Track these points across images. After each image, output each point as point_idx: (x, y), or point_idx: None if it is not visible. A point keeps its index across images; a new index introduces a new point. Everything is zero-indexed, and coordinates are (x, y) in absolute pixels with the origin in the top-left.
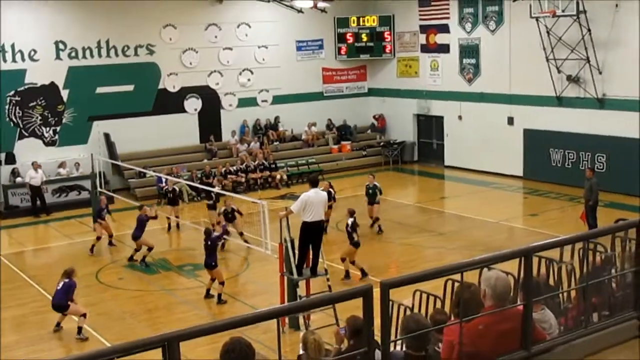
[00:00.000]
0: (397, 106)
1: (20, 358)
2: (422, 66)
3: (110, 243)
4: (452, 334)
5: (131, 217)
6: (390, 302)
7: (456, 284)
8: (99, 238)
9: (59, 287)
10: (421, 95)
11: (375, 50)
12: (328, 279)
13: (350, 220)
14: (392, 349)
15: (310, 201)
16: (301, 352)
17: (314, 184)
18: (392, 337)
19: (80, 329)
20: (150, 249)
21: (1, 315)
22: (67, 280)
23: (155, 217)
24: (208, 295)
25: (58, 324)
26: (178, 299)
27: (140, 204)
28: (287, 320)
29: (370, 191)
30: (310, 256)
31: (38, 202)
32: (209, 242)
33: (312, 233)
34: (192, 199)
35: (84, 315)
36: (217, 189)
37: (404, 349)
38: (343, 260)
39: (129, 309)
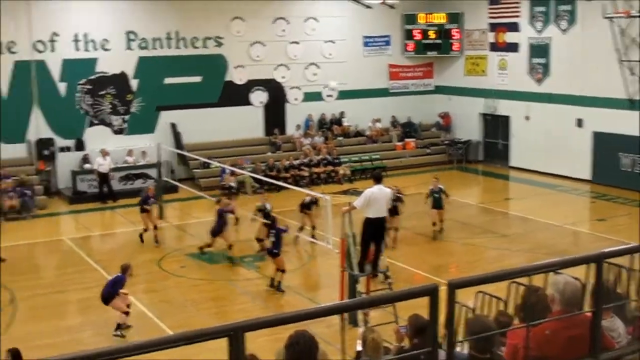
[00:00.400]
0: (463, 105)
1: (85, 340)
2: (490, 65)
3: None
4: (517, 337)
5: (194, 207)
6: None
7: (520, 287)
8: (146, 230)
9: (109, 279)
10: (488, 94)
11: (442, 47)
12: (389, 277)
13: None
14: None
15: (374, 197)
16: (359, 348)
17: (378, 180)
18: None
19: (119, 326)
20: (210, 245)
21: (61, 297)
22: (119, 274)
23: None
24: (273, 284)
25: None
26: (238, 289)
27: (217, 197)
28: (346, 315)
29: (436, 195)
30: (372, 253)
31: (105, 189)
32: (274, 230)
33: (375, 229)
34: (255, 191)
35: (127, 313)
36: (268, 206)
37: (466, 350)
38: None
39: (191, 297)
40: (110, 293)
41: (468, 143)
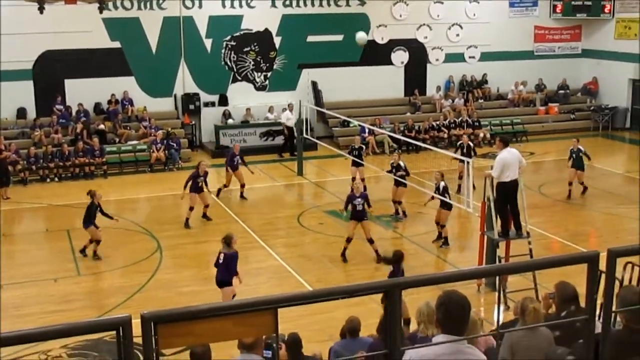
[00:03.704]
0: (612, 69)
1: None
2: None
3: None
4: None
5: (333, 165)
6: (600, 273)
7: None
8: (226, 186)
9: (220, 261)
10: None
11: (593, 9)
12: (530, 242)
13: (442, 184)
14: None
15: (507, 162)
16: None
17: (506, 143)
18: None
19: None
20: None
21: (204, 247)
22: (226, 252)
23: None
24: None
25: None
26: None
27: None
28: (484, 279)
29: (574, 155)
30: (510, 217)
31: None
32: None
33: (511, 192)
34: (392, 151)
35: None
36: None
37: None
38: (437, 223)
39: (327, 253)
40: (228, 276)
41: (615, 109)
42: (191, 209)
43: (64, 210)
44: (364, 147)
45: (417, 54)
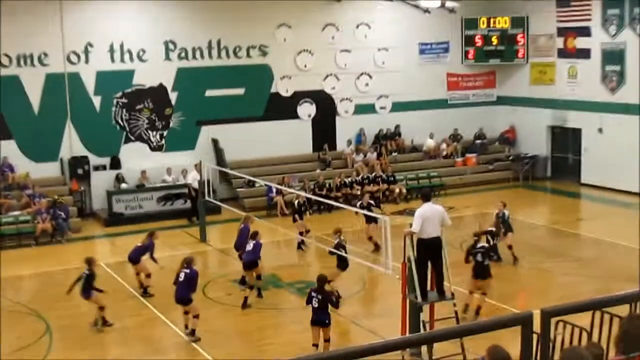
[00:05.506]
0: (529, 116)
1: None
2: (558, 73)
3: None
4: None
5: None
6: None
7: (614, 318)
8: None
9: (180, 279)
10: (557, 105)
11: (506, 54)
12: (455, 304)
13: (336, 241)
14: None
15: (427, 216)
16: None
17: (427, 198)
18: None
19: (193, 331)
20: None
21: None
22: (187, 270)
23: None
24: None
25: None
26: (288, 318)
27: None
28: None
29: (501, 219)
30: (432, 277)
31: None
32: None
33: (431, 250)
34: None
35: (197, 316)
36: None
37: None
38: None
39: (237, 327)
40: (188, 293)
41: (535, 158)
42: None
43: None
44: (306, 200)
45: (325, 106)
